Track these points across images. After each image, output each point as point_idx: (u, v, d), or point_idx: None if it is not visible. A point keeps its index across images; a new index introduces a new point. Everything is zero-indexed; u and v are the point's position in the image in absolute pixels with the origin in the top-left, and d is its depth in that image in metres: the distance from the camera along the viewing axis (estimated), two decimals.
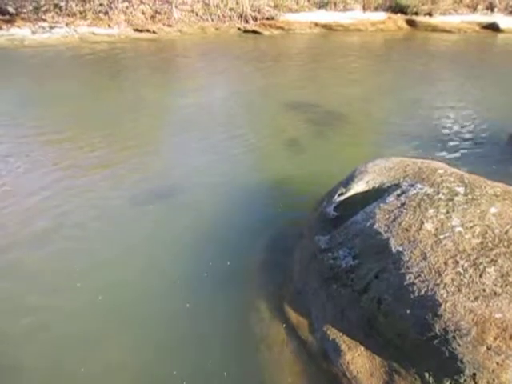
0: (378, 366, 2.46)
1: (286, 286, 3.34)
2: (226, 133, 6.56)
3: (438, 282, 2.31)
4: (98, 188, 5.03)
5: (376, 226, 2.86)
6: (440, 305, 2.22)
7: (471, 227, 2.59)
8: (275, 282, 3.44)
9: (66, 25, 13.48)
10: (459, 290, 2.24)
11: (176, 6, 14.42)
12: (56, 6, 13.81)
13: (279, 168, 5.41)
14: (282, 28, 14.57)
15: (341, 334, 2.68)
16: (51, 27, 13.35)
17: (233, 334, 3.09)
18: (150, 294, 3.48)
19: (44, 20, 13.51)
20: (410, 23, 14.80)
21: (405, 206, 2.91)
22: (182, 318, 3.25)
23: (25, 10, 13.55)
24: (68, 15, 13.78)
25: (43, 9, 13.66)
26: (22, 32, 13.05)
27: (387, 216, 2.89)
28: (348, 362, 2.53)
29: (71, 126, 6.74)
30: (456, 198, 2.87)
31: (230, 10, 14.66)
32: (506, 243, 2.45)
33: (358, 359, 2.53)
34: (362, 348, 2.56)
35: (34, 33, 13.12)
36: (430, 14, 14.69)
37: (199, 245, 4.02)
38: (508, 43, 13.07)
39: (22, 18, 13.47)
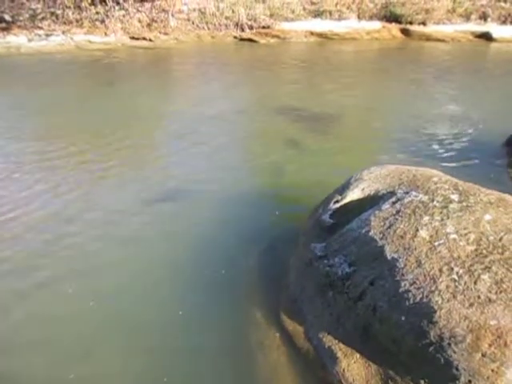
0: (374, 373, 2.46)
1: (282, 293, 3.34)
2: (222, 140, 6.57)
3: (433, 288, 2.32)
4: (93, 197, 5.03)
5: (371, 234, 2.87)
6: (435, 312, 2.23)
7: (466, 234, 2.61)
8: (271, 289, 3.44)
9: (63, 33, 13.50)
10: (454, 297, 2.25)
11: (172, 15, 14.50)
12: (52, 13, 13.85)
13: (275, 176, 5.42)
14: (277, 36, 14.65)
15: (337, 341, 2.68)
16: (48, 35, 13.37)
17: (228, 342, 3.07)
18: (143, 302, 3.46)
19: (40, 28, 13.53)
20: (405, 32, 14.93)
21: (400, 214, 2.92)
22: (175, 326, 3.23)
23: (21, 18, 13.57)
24: (64, 23, 13.81)
25: (40, 17, 13.69)
26: (18, 40, 13.05)
27: (382, 223, 2.91)
28: (344, 370, 2.53)
29: (68, 136, 6.74)
30: (450, 206, 2.89)
31: (226, 18, 14.74)
32: (500, 250, 2.47)
33: (353, 366, 2.53)
34: (358, 355, 2.56)
35: (30, 40, 13.13)
36: (424, 24, 14.82)
37: (193, 253, 4.01)
38: (501, 52, 13.22)
39: (19, 26, 13.48)
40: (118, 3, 14.18)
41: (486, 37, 14.38)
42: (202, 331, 3.17)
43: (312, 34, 14.85)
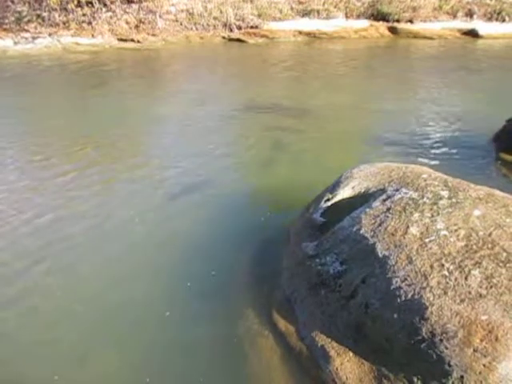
0: (367, 371, 2.46)
1: (275, 293, 3.33)
2: (211, 142, 6.55)
3: (425, 285, 2.33)
4: (84, 202, 4.99)
5: (362, 231, 2.88)
6: (426, 308, 2.23)
7: (456, 230, 2.62)
8: (263, 289, 3.43)
9: (49, 35, 13.39)
10: (445, 293, 2.26)
11: (160, 16, 14.44)
12: (38, 16, 13.73)
13: (266, 175, 5.42)
14: (266, 36, 14.66)
15: (329, 340, 2.68)
16: (34, 38, 13.26)
17: (220, 342, 3.06)
18: (132, 306, 3.43)
19: (27, 31, 13.42)
20: (392, 30, 15.00)
21: (390, 211, 2.93)
22: (166, 329, 3.21)
23: (7, 21, 13.45)
24: (51, 25, 13.70)
25: (25, 19, 13.57)
26: (4, 43, 12.93)
27: (373, 221, 2.91)
28: (337, 368, 2.53)
29: (58, 141, 6.67)
30: (440, 202, 2.90)
31: (214, 19, 14.71)
32: (489, 245, 2.48)
33: (346, 365, 2.52)
34: (351, 354, 2.56)
35: (16, 43, 13.01)
36: (411, 21, 14.91)
37: (183, 254, 3.98)
38: (487, 49, 13.32)
39: (4, 29, 13.36)
40: (104, 5, 14.09)
41: (473, 34, 14.50)
42: (193, 332, 3.16)
43: (300, 33, 14.88)
